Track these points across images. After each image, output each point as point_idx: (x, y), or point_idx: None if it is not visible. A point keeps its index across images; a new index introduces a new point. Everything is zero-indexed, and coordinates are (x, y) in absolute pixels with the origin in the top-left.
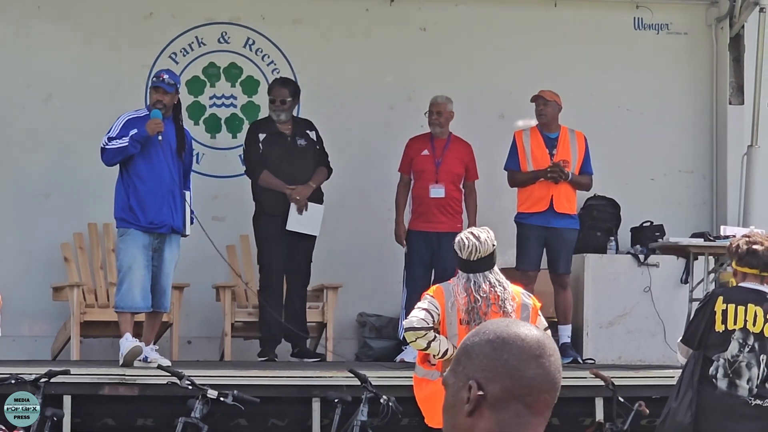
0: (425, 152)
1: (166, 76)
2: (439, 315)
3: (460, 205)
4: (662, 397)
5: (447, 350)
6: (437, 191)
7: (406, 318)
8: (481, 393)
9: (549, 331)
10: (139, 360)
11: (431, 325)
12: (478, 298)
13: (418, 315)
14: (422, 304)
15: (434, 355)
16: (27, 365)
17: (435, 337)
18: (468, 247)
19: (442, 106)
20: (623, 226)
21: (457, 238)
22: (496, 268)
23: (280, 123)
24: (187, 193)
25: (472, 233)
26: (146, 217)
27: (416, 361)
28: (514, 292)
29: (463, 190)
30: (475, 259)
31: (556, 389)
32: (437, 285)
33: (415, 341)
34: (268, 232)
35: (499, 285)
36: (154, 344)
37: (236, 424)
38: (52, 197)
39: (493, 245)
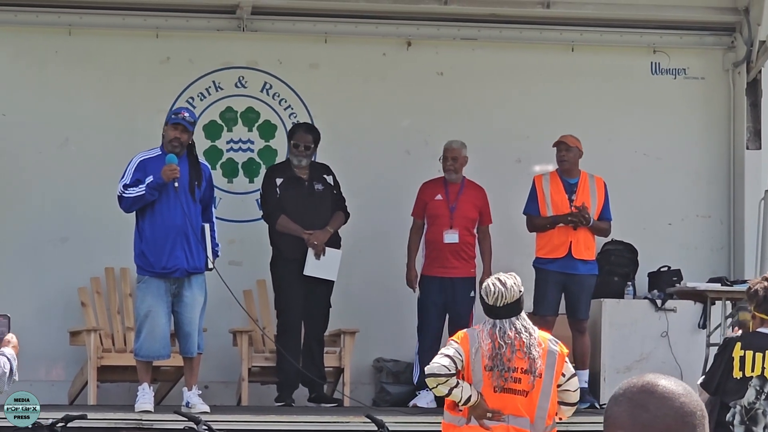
0: (439, 197)
1: (186, 114)
2: (463, 361)
3: (473, 250)
4: None
5: (470, 397)
6: (451, 237)
7: (420, 364)
8: None
9: (575, 379)
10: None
11: (453, 371)
12: (503, 344)
13: (440, 361)
14: (447, 350)
15: (458, 402)
16: (44, 410)
17: (457, 383)
18: (494, 293)
19: (457, 152)
20: (641, 271)
21: (484, 284)
22: (523, 314)
23: (298, 168)
24: (207, 226)
25: (498, 279)
26: (158, 263)
27: (444, 407)
28: (541, 338)
29: (476, 235)
30: (501, 305)
31: (635, 427)
32: (464, 330)
33: (436, 387)
34: (285, 277)
35: (525, 331)
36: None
37: None
38: (68, 242)
39: (520, 291)
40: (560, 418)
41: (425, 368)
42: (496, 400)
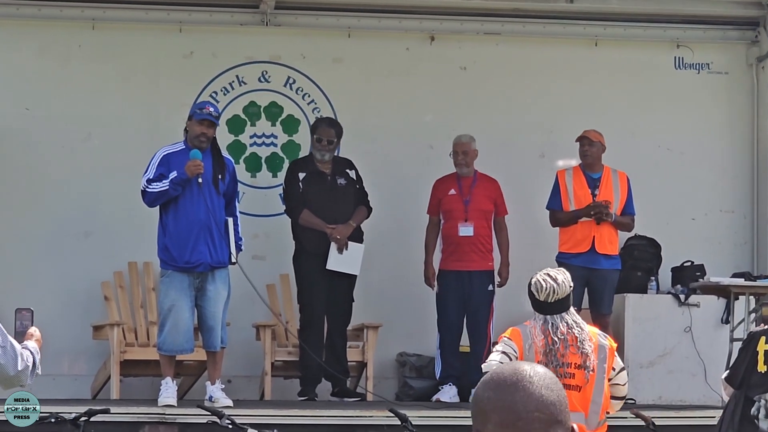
0: (452, 192)
1: (211, 109)
2: (516, 357)
3: (490, 243)
4: None
5: None
6: (466, 230)
7: (441, 359)
8: None
9: (623, 373)
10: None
11: None
12: (556, 340)
13: (496, 358)
14: (499, 347)
15: None
16: (67, 404)
17: None
18: (546, 290)
19: (466, 146)
20: (664, 266)
21: (534, 280)
22: (572, 309)
23: (321, 162)
24: (230, 220)
25: (548, 275)
26: (182, 257)
27: None
28: (591, 332)
29: (492, 227)
30: (552, 300)
31: (517, 412)
32: (514, 327)
33: None
34: (308, 272)
35: (577, 326)
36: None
37: None
38: (92, 236)
39: (570, 286)
40: (607, 412)
41: (482, 366)
42: None
